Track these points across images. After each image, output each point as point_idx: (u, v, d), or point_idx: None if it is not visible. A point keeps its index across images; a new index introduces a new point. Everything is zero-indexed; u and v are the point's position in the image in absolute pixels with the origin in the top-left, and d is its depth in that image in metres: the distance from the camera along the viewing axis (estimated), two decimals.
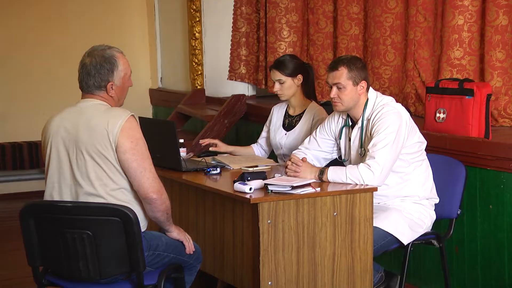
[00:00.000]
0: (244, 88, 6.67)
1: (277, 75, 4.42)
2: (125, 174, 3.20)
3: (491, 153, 4.04)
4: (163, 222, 3.32)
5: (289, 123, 4.52)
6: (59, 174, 3.24)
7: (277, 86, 4.44)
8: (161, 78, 7.71)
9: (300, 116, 4.48)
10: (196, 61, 6.86)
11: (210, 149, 4.55)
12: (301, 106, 4.50)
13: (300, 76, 4.42)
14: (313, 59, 5.96)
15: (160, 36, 7.60)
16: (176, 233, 3.38)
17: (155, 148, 3.63)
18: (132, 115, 3.22)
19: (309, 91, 4.52)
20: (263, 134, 4.68)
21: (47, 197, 3.27)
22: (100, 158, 3.18)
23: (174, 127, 4.05)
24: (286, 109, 4.58)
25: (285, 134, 4.49)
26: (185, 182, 3.96)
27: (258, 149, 4.69)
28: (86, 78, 3.24)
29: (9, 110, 7.38)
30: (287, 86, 4.41)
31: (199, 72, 6.86)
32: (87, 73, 3.24)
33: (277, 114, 4.61)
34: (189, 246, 3.40)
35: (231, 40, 6.62)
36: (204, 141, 4.59)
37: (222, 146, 4.56)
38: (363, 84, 3.82)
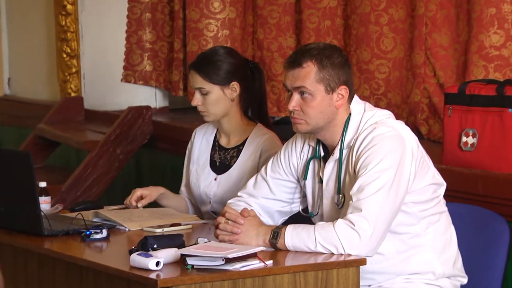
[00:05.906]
0: (149, 96, 6.70)
1: (197, 80, 4.36)
2: None
3: None
4: None
5: (221, 162, 4.50)
6: None
7: (197, 98, 4.38)
8: (9, 79, 7.69)
9: (239, 149, 4.47)
10: (69, 51, 6.85)
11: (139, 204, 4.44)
12: (239, 133, 4.47)
13: (235, 85, 4.37)
14: (263, 47, 6.03)
15: (6, 11, 7.57)
16: None
17: None
18: None
19: (253, 107, 4.47)
20: (185, 176, 4.62)
21: None
22: None
23: (31, 161, 4.04)
24: (216, 137, 4.55)
25: (215, 179, 4.48)
26: (49, 254, 3.95)
27: (187, 200, 4.64)
28: None
29: None
30: (213, 99, 4.35)
31: (74, 70, 6.86)
32: None
33: (201, 144, 4.56)
34: None
35: (127, 17, 6.65)
36: (132, 201, 4.45)
37: (153, 192, 4.49)
38: (343, 90, 3.89)
